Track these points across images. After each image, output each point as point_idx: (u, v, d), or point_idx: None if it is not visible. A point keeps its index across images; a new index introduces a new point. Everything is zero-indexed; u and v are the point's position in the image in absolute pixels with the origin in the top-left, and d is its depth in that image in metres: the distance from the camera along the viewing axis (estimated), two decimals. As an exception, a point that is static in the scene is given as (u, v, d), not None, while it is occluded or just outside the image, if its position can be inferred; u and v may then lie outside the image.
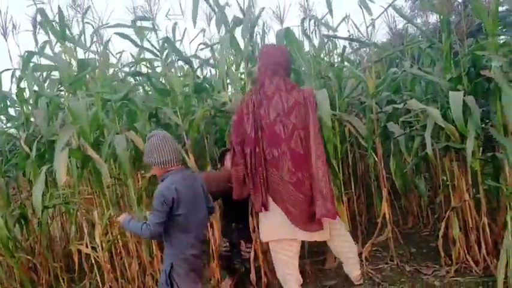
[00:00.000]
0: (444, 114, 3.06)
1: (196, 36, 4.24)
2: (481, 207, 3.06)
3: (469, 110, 2.81)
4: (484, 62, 3.03)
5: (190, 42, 4.19)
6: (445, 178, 3.41)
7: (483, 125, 3.00)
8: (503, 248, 2.77)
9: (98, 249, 3.26)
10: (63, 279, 3.85)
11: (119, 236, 3.44)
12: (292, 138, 2.80)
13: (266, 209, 2.91)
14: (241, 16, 3.61)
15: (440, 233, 3.17)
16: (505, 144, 2.72)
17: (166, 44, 3.79)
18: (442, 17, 3.04)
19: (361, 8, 3.67)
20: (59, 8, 3.44)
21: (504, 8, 3.60)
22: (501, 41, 3.30)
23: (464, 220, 3.21)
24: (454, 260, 3.18)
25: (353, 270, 3.15)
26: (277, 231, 2.95)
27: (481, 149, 3.21)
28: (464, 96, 2.82)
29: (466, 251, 3.17)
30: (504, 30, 3.57)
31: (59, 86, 3.99)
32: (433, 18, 4.76)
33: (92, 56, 3.70)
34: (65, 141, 2.87)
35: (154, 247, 3.50)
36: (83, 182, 3.57)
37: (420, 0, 3.32)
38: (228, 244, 3.19)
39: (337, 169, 3.45)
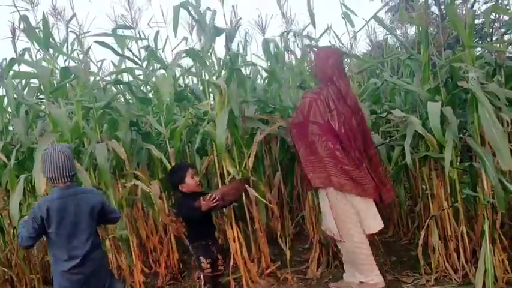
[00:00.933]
0: (423, 124, 3.11)
1: (178, 45, 4.24)
2: (460, 215, 3.11)
3: (447, 120, 2.86)
4: (462, 73, 3.11)
5: (172, 50, 4.19)
6: (424, 187, 3.46)
7: (461, 135, 3.07)
8: (481, 256, 2.83)
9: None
10: (40, 291, 3.77)
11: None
12: (360, 131, 3.04)
13: (367, 195, 2.99)
14: (222, 26, 3.62)
15: (420, 242, 3.20)
16: (482, 154, 2.78)
17: (148, 53, 3.79)
18: (420, 29, 3.11)
19: (344, 20, 3.75)
20: (44, 15, 3.41)
21: (481, 20, 3.71)
22: (478, 53, 3.39)
23: (444, 228, 3.25)
24: (433, 269, 3.21)
25: (350, 275, 3.21)
26: (369, 222, 3.07)
27: (459, 158, 3.27)
28: (442, 106, 2.88)
29: (445, 259, 3.21)
30: (480, 42, 3.67)
31: (38, 93, 3.94)
32: (412, 30, 4.87)
33: (72, 64, 3.67)
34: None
35: (134, 258, 3.46)
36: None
37: (399, 12, 3.38)
38: (210, 264, 3.12)
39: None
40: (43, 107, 3.44)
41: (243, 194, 3.47)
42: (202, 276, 3.10)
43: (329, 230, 3.08)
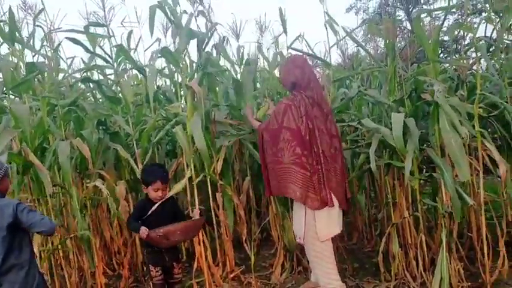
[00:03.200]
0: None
1: (151, 45, 4.22)
2: (420, 224, 3.19)
3: (409, 131, 2.94)
4: (426, 86, 3.20)
5: (144, 51, 4.17)
6: (388, 196, 3.53)
7: (423, 146, 3.15)
8: (438, 264, 2.91)
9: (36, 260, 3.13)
10: (-3, 290, 3.66)
11: (59, 246, 3.32)
12: (334, 136, 3.07)
13: (332, 204, 2.92)
14: (197, 29, 3.63)
15: (381, 249, 3.27)
16: (441, 165, 2.87)
17: (119, 52, 3.76)
18: (387, 42, 3.19)
19: (326, 29, 3.80)
20: (10, 8, 3.35)
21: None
22: (442, 68, 3.50)
23: (404, 237, 3.33)
24: (393, 276, 3.28)
25: None
26: (335, 227, 3.03)
27: (423, 169, 3.37)
28: (405, 117, 2.96)
29: (404, 267, 3.29)
30: (446, 57, 3.79)
31: (3, 88, 3.85)
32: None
33: (41, 59, 3.61)
34: (5, 145, 2.75)
35: (96, 258, 3.41)
36: (24, 189, 3.43)
37: (368, 25, 3.46)
38: (160, 272, 3.07)
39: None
40: (6, 102, 3.36)
41: (210, 197, 3.47)
42: (151, 284, 3.07)
43: (299, 236, 3.09)
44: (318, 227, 2.91)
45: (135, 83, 4.91)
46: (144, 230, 2.79)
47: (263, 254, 4.28)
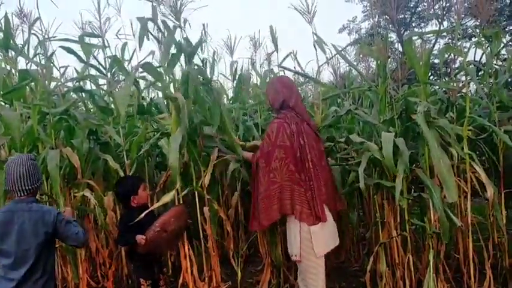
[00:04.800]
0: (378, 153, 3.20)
1: (145, 58, 4.24)
2: (408, 244, 3.20)
3: (399, 151, 2.96)
4: (416, 107, 3.24)
5: (138, 63, 4.17)
6: (376, 215, 3.54)
7: (413, 166, 3.18)
8: (425, 285, 2.91)
9: (19, 270, 3.07)
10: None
11: (43, 257, 3.26)
12: (322, 152, 3.11)
13: (325, 219, 2.90)
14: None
15: (368, 268, 3.26)
16: (430, 186, 2.89)
17: (113, 63, 3.76)
18: (379, 62, 3.24)
19: (315, 48, 3.84)
20: (6, 15, 3.35)
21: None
22: (432, 89, 3.55)
23: (392, 256, 3.33)
24: (380, 296, 3.27)
25: None
26: (330, 241, 3.02)
27: (412, 189, 3.38)
28: (395, 137, 2.98)
29: (391, 287, 3.28)
30: (437, 79, 3.85)
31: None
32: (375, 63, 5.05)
33: (34, 67, 3.60)
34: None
35: (81, 270, 3.36)
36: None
37: (360, 45, 3.52)
38: (150, 286, 3.03)
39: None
40: (-3, 108, 3.33)
41: (197, 211, 3.44)
42: None
43: (294, 254, 2.99)
44: (314, 243, 2.89)
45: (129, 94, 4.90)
46: (140, 237, 2.77)
47: (250, 270, 4.25)
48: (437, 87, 3.98)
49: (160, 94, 4.95)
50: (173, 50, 3.39)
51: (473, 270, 3.08)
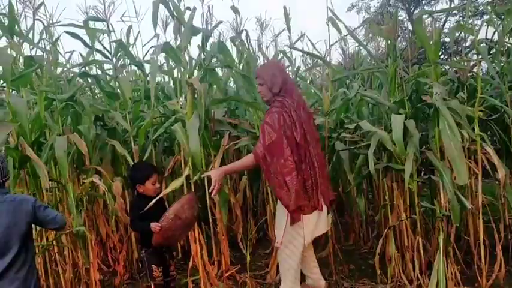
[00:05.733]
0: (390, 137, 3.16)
1: (150, 41, 4.19)
2: (417, 227, 3.18)
3: (409, 133, 2.92)
4: (426, 88, 3.18)
5: (143, 46, 4.15)
6: (385, 197, 3.52)
7: (423, 149, 3.13)
8: (435, 267, 2.89)
9: (30, 255, 3.10)
10: (-9, 285, 3.64)
11: (54, 242, 3.30)
12: (318, 140, 2.96)
13: (322, 208, 2.81)
14: (199, 25, 3.60)
15: (378, 251, 3.26)
16: (440, 168, 2.86)
17: (119, 47, 3.73)
18: (389, 42, 3.17)
19: (328, 26, 3.75)
20: (10, 1, 3.32)
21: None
22: (443, 69, 3.48)
23: (401, 239, 3.32)
24: (389, 278, 3.27)
25: (320, 278, 3.07)
26: (320, 227, 2.87)
27: (422, 172, 3.35)
28: (405, 119, 2.94)
29: (401, 270, 3.27)
30: (447, 59, 3.77)
31: (2, 82, 3.82)
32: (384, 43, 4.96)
33: (40, 53, 3.58)
34: (2, 139, 2.72)
35: (92, 254, 3.38)
36: (20, 184, 3.40)
37: (369, 24, 3.44)
38: (162, 272, 3.04)
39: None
40: (4, 95, 3.32)
41: (207, 196, 3.44)
42: (153, 285, 3.01)
43: (277, 241, 2.88)
44: (305, 231, 2.79)
45: (134, 78, 4.88)
46: (155, 224, 2.75)
47: (259, 254, 4.26)
48: (448, 67, 3.90)
49: (167, 78, 4.93)
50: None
51: (484, 252, 3.06)
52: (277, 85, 2.84)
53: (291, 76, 3.05)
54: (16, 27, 3.41)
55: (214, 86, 3.94)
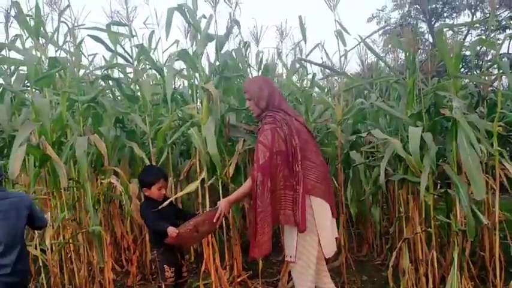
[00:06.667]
0: (403, 147, 3.15)
1: (170, 47, 4.26)
2: (432, 241, 3.15)
3: (426, 146, 2.91)
4: (445, 101, 3.16)
5: (163, 52, 4.21)
6: (400, 209, 3.50)
7: (440, 162, 3.11)
8: (448, 282, 2.87)
9: (47, 252, 3.17)
10: (7, 280, 3.71)
11: (70, 240, 3.36)
12: (317, 149, 2.88)
13: (304, 228, 2.67)
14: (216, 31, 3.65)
15: (391, 263, 3.23)
16: (457, 182, 2.83)
17: (140, 51, 3.80)
18: (408, 54, 3.17)
19: (337, 38, 3.79)
20: (37, 3, 3.41)
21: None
22: (463, 83, 3.46)
23: (415, 252, 3.29)
24: (402, 291, 3.25)
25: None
26: (333, 236, 2.84)
27: (438, 185, 3.32)
28: (423, 132, 2.92)
29: (414, 283, 3.24)
30: (467, 72, 3.75)
31: (26, 81, 3.92)
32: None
33: (63, 55, 3.67)
34: (25, 137, 2.79)
35: (106, 254, 3.43)
36: (40, 182, 3.48)
37: (389, 36, 3.44)
38: (174, 273, 3.07)
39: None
40: (28, 95, 3.42)
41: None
42: (163, 285, 3.02)
43: (289, 255, 2.81)
44: (323, 244, 2.73)
45: (154, 82, 4.96)
46: (172, 230, 2.78)
47: (271, 260, 4.27)
48: (468, 80, 3.88)
49: (185, 83, 4.99)
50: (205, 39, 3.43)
51: (499, 268, 3.02)
52: (263, 99, 2.80)
53: (278, 89, 2.97)
54: (42, 29, 3.50)
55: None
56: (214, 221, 2.75)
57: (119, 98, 4.41)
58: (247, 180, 2.77)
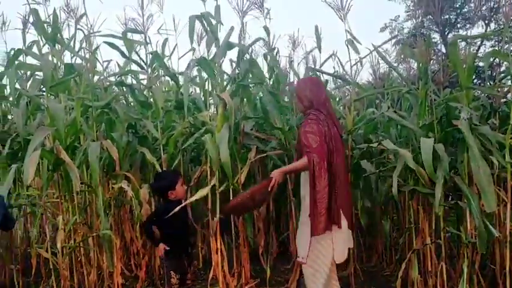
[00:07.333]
0: (415, 158, 3.14)
1: (185, 54, 4.31)
2: (442, 252, 3.13)
3: (438, 157, 2.90)
4: (457, 112, 3.15)
5: (179, 59, 4.27)
6: (411, 220, 3.48)
7: (451, 173, 3.09)
8: (458, 295, 2.84)
9: (58, 255, 3.21)
10: (18, 282, 3.76)
11: (81, 244, 3.39)
12: (344, 158, 3.04)
13: (341, 225, 2.86)
14: (232, 40, 3.69)
15: (400, 274, 3.21)
16: (468, 194, 2.81)
17: (154, 58, 3.85)
18: (420, 65, 3.17)
19: (348, 48, 3.80)
20: (54, 10, 3.49)
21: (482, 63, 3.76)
22: (475, 94, 3.44)
23: (424, 263, 3.26)
24: (411, 302, 3.22)
25: None
26: (347, 245, 2.95)
27: (449, 196, 3.30)
28: (434, 143, 2.91)
29: (423, 295, 3.22)
30: (480, 84, 3.73)
31: (42, 87, 3.99)
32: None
33: (79, 61, 3.74)
34: (39, 142, 2.85)
35: (116, 258, 3.46)
36: (52, 185, 3.54)
37: (402, 46, 3.44)
38: (179, 279, 3.09)
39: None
40: (44, 100, 3.48)
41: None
42: None
43: (302, 256, 2.93)
44: (335, 249, 2.84)
45: (166, 89, 5.01)
46: (162, 246, 3.00)
47: (279, 268, 4.26)
48: (481, 92, 3.86)
49: (197, 90, 5.04)
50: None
51: (510, 282, 2.97)
52: (307, 98, 2.98)
53: (325, 92, 3.09)
54: (58, 35, 3.57)
55: (245, 100, 4.01)
56: (269, 190, 2.89)
57: (131, 104, 4.46)
58: (303, 158, 2.84)
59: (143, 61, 3.90)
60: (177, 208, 2.93)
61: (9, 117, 4.04)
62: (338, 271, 3.26)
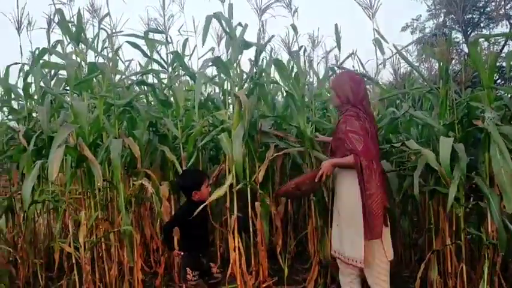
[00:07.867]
0: (437, 158, 3.11)
1: (205, 54, 4.35)
2: (462, 253, 3.09)
3: (457, 156, 2.87)
4: (478, 112, 3.11)
5: (198, 59, 4.31)
6: (431, 221, 3.45)
7: (471, 173, 3.06)
8: (478, 296, 2.80)
9: (80, 250, 3.28)
10: (41, 276, 3.86)
11: (102, 239, 3.46)
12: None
13: (387, 224, 2.93)
14: (250, 39, 3.71)
15: (419, 275, 3.19)
16: (489, 195, 2.78)
17: (175, 58, 3.90)
18: (441, 64, 3.14)
19: (375, 47, 3.77)
20: (79, 10, 3.57)
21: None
22: (497, 94, 3.39)
23: (444, 265, 3.23)
24: (430, 304, 3.19)
25: None
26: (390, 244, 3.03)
27: (471, 197, 3.26)
28: (454, 142, 2.89)
29: (442, 296, 3.19)
30: (503, 84, 3.67)
31: (66, 85, 4.08)
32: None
33: (101, 60, 3.81)
34: (63, 139, 2.92)
35: (136, 254, 3.52)
36: (75, 182, 3.61)
37: (423, 46, 3.42)
38: (197, 276, 3.12)
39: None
40: (67, 98, 3.56)
41: (249, 206, 3.52)
42: (184, 286, 3.10)
43: (354, 259, 2.90)
44: (385, 247, 2.91)
45: (186, 88, 5.07)
46: (177, 253, 3.07)
47: (296, 268, 4.26)
48: (503, 92, 3.80)
49: (217, 89, 5.08)
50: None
51: (532, 285, 2.94)
52: (343, 93, 2.93)
53: (364, 89, 3.04)
54: (82, 35, 3.65)
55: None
56: (316, 180, 2.91)
57: (152, 103, 4.53)
58: (350, 155, 2.80)
59: (164, 61, 3.95)
60: (199, 209, 2.96)
61: (34, 114, 4.14)
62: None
